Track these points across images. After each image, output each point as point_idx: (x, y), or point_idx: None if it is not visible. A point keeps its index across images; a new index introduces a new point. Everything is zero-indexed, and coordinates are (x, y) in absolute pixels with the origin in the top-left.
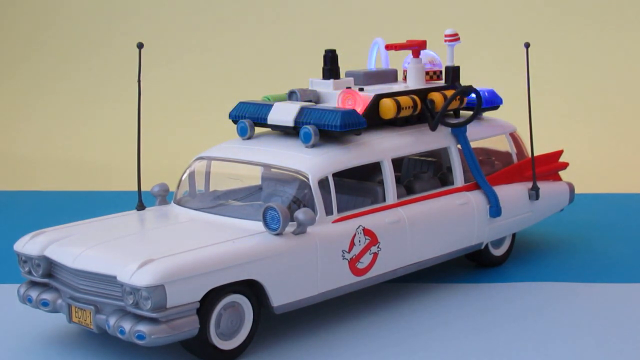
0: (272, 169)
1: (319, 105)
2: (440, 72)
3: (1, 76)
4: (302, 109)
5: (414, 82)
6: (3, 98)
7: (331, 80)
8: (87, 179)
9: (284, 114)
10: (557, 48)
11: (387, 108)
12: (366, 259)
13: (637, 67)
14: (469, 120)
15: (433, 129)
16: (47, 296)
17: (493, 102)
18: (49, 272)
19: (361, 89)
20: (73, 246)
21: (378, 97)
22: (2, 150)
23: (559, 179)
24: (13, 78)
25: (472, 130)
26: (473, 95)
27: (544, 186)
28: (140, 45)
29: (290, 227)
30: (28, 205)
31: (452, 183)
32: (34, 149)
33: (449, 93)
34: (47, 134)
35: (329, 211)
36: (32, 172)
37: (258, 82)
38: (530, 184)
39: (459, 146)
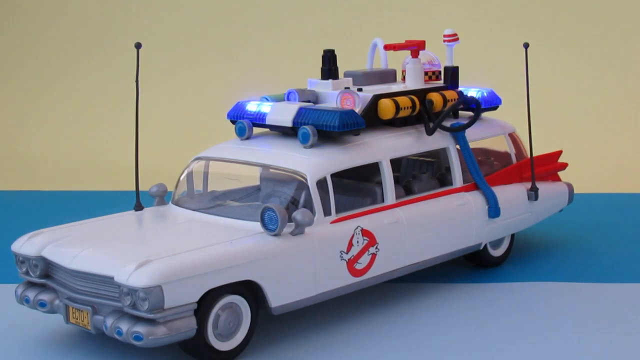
0: (271, 170)
1: (318, 106)
2: (439, 72)
3: (2, 77)
4: (300, 109)
5: (413, 82)
6: (4, 98)
7: (330, 81)
8: (85, 179)
9: (282, 114)
10: (557, 48)
11: (386, 108)
12: (364, 260)
13: (637, 67)
14: (466, 126)
15: (430, 134)
16: (45, 297)
17: (492, 102)
18: (46, 272)
19: (360, 89)
20: (70, 247)
21: (377, 98)
22: (2, 150)
23: (558, 179)
24: (14, 78)
25: (470, 130)
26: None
27: (543, 187)
28: (138, 46)
29: (288, 228)
30: (27, 205)
31: (451, 183)
32: (33, 148)
33: (448, 93)
34: (47, 133)
35: (327, 212)
36: (31, 172)
37: (256, 82)
38: (529, 185)
39: (457, 147)
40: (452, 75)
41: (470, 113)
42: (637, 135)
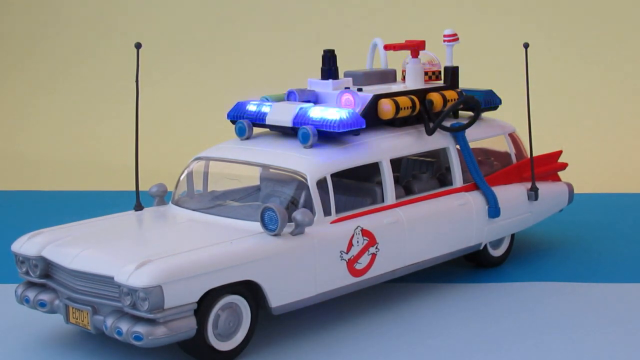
0: (271, 170)
1: (318, 106)
2: (439, 72)
3: (2, 76)
4: (300, 109)
5: (413, 82)
6: (4, 98)
7: (330, 81)
8: (85, 179)
9: (282, 114)
10: (557, 48)
11: (386, 108)
12: (364, 260)
13: (637, 66)
14: (466, 126)
15: (429, 134)
16: (45, 297)
17: (492, 102)
18: (46, 272)
19: (360, 89)
20: (70, 247)
21: (377, 98)
22: (2, 149)
23: (558, 179)
24: (14, 78)
25: (471, 130)
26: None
27: (543, 187)
28: (138, 46)
29: (288, 228)
30: (27, 205)
31: (451, 183)
32: (33, 148)
33: (448, 93)
34: (47, 133)
35: (327, 212)
36: (31, 171)
37: (256, 82)
38: (529, 185)
39: (457, 147)
40: (452, 75)
41: (470, 113)
42: (637, 135)
